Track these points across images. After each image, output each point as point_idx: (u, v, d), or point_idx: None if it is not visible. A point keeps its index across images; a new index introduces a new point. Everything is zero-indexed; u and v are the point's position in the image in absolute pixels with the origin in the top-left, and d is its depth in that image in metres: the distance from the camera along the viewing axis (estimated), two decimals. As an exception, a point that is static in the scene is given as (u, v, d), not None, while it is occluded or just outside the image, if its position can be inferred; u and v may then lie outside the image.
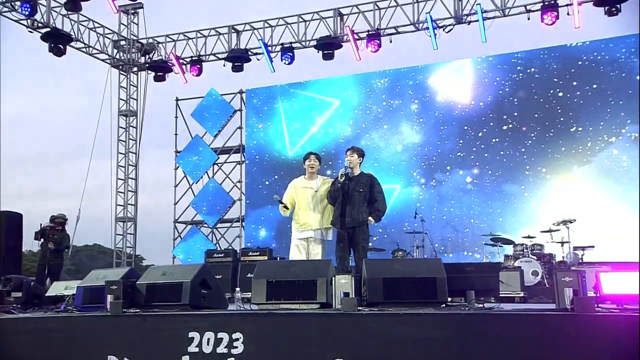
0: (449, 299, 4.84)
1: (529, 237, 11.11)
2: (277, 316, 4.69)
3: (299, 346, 4.53)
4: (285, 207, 7.54)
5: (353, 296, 4.64)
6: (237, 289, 5.52)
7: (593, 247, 11.11)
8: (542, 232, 11.11)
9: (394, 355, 4.28)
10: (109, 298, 5.16)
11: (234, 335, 4.66)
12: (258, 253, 11.34)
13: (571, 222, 10.81)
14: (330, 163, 13.90)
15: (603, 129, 12.40)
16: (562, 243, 10.85)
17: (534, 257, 10.55)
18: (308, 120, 14.61)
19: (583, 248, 10.95)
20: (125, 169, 15.46)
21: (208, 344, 4.72)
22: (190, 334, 4.76)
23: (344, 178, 7.25)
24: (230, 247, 13.51)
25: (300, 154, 14.13)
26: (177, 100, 15.74)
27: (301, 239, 7.46)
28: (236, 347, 4.64)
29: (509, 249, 11.22)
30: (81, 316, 5.20)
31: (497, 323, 4.14)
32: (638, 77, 12.08)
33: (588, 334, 3.87)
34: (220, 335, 4.70)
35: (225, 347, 4.67)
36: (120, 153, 15.53)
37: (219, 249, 14.10)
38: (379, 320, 4.42)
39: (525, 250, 10.80)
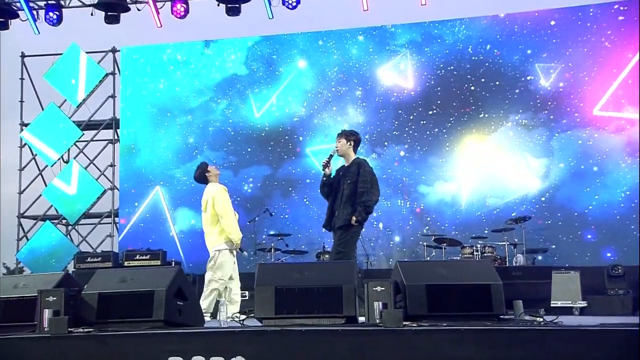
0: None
1: (479, 237, 11.44)
2: (290, 335, 4.41)
3: (324, 374, 4.25)
4: None
5: (393, 308, 4.43)
6: (222, 299, 5.11)
7: (546, 250, 11.71)
8: (493, 231, 11.50)
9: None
10: (46, 313, 4.61)
11: (234, 361, 4.30)
12: (148, 256, 10.96)
13: (525, 220, 11.26)
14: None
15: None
16: (515, 245, 11.29)
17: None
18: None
19: (535, 251, 11.50)
20: (-51, 145, 14.15)
21: (196, 372, 4.32)
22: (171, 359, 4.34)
23: (327, 168, 7.24)
24: (109, 250, 12.78)
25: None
26: (23, 56, 14.83)
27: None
28: (237, 376, 4.29)
29: (454, 252, 11.50)
30: (8, 338, 4.53)
31: (587, 341, 4.06)
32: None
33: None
34: (214, 360, 4.32)
35: (221, 376, 4.29)
36: (-58, 124, 14.19)
37: (81, 250, 13.41)
38: (431, 338, 4.24)
39: (475, 253, 11.09)
